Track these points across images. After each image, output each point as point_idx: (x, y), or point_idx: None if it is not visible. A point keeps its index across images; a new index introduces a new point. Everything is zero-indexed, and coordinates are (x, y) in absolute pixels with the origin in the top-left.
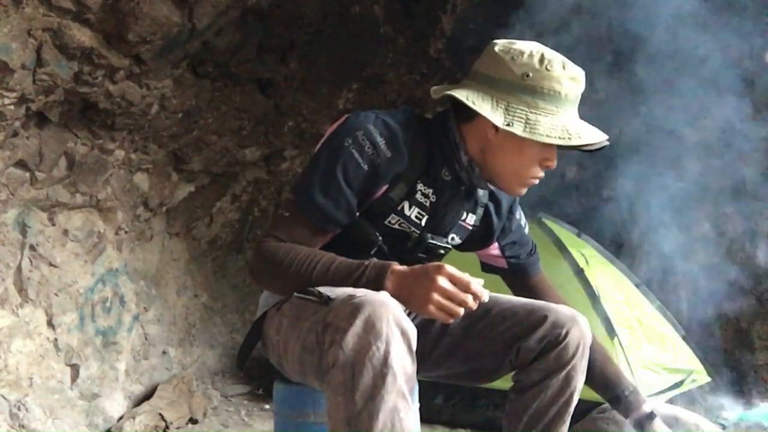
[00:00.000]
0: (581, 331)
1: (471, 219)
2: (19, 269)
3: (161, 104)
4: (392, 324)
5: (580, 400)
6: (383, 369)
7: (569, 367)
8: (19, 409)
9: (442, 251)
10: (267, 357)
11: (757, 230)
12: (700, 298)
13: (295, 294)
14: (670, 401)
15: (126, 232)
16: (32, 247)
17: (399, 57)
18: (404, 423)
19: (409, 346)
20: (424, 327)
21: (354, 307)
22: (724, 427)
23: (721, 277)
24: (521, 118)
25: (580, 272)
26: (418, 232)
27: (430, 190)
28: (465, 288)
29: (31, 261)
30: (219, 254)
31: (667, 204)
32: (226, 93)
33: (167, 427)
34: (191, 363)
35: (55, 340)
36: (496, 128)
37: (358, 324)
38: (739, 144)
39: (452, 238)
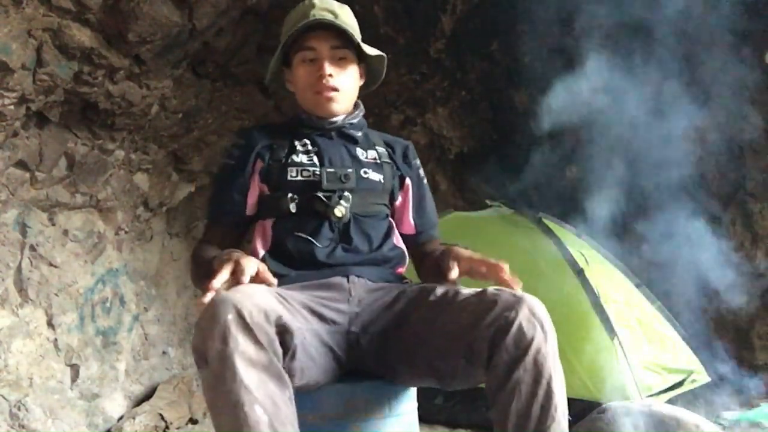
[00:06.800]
0: (531, 310)
1: (372, 154)
2: (19, 269)
3: (161, 104)
4: (230, 321)
5: (580, 400)
6: (219, 368)
7: (532, 350)
8: (19, 409)
9: (367, 184)
10: None
11: (757, 230)
12: (700, 298)
13: None
14: (670, 401)
15: (126, 232)
16: (32, 247)
17: (399, 57)
18: (249, 418)
19: (256, 340)
20: (392, 328)
21: (204, 309)
22: (724, 427)
23: (720, 277)
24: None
25: (580, 272)
26: (319, 169)
27: (307, 141)
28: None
29: (31, 261)
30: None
31: (665, 203)
32: (226, 93)
33: (167, 427)
34: (191, 363)
35: (55, 340)
36: (282, 70)
37: (197, 329)
38: (734, 137)
39: (365, 172)
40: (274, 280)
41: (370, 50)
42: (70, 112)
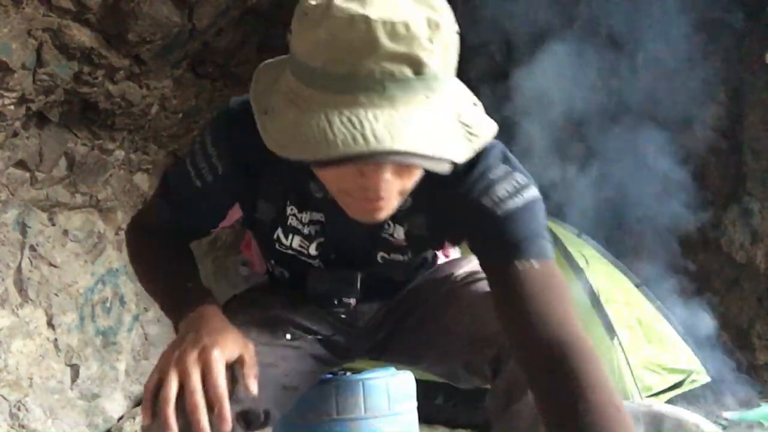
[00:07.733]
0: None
1: (400, 233)
2: (19, 269)
3: (161, 104)
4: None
5: None
6: None
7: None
8: (19, 409)
9: (385, 266)
10: None
11: (757, 230)
12: (700, 297)
13: None
14: (670, 401)
15: None
16: (32, 247)
17: None
18: None
19: None
20: (397, 326)
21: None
22: (724, 427)
23: (720, 276)
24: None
25: (580, 272)
26: (317, 261)
27: (306, 215)
28: (214, 392)
29: (31, 261)
30: (219, 254)
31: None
32: (226, 93)
33: None
34: None
35: (55, 340)
36: None
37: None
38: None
39: (383, 257)
40: (254, 390)
41: (480, 138)
42: (70, 112)
